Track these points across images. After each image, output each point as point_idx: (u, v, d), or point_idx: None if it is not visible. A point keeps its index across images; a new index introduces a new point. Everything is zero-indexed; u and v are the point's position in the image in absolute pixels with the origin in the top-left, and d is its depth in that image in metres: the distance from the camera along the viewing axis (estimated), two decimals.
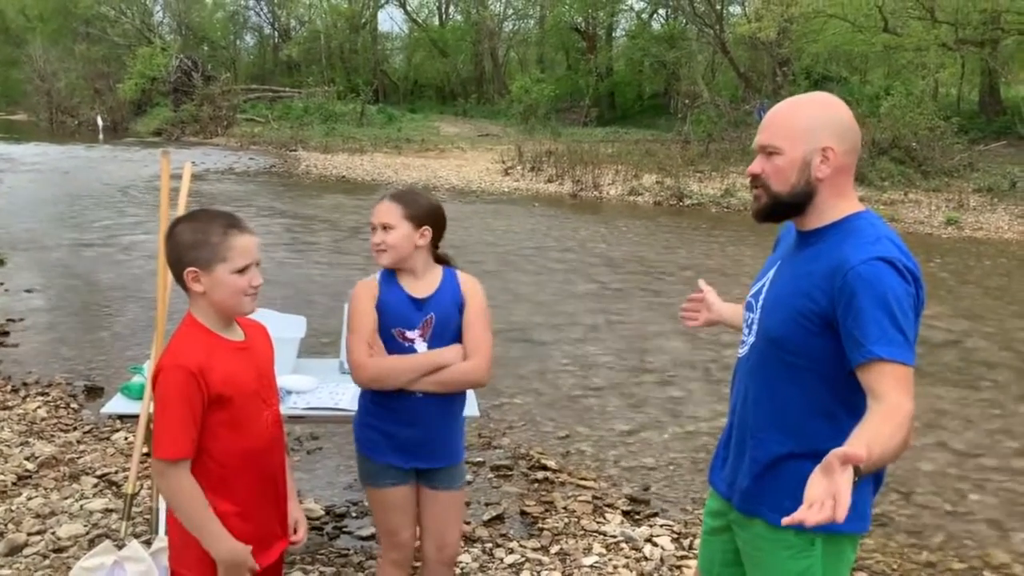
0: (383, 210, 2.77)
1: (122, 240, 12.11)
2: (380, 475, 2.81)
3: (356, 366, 2.71)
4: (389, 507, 2.85)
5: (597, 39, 39.58)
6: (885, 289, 1.90)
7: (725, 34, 29.07)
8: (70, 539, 3.90)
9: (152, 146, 27.54)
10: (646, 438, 5.57)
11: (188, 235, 2.19)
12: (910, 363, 1.90)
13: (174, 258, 2.21)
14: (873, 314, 1.89)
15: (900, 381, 1.88)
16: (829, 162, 2.02)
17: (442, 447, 2.83)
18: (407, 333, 2.73)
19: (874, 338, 1.89)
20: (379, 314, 2.73)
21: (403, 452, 2.77)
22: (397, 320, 2.73)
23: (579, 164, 19.53)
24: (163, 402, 2.14)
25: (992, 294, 9.89)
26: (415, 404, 2.74)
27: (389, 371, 2.70)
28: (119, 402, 3.63)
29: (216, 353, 2.20)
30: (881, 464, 1.85)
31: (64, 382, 6.28)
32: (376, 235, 2.76)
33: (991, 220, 14.71)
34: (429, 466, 2.83)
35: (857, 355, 1.92)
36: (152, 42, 40.84)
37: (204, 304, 2.23)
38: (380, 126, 32.19)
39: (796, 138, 2.03)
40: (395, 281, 2.78)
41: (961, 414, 6.09)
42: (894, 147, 18.28)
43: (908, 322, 1.91)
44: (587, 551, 4.00)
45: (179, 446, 2.13)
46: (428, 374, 2.70)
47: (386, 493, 2.83)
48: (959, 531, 4.46)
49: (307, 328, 4.02)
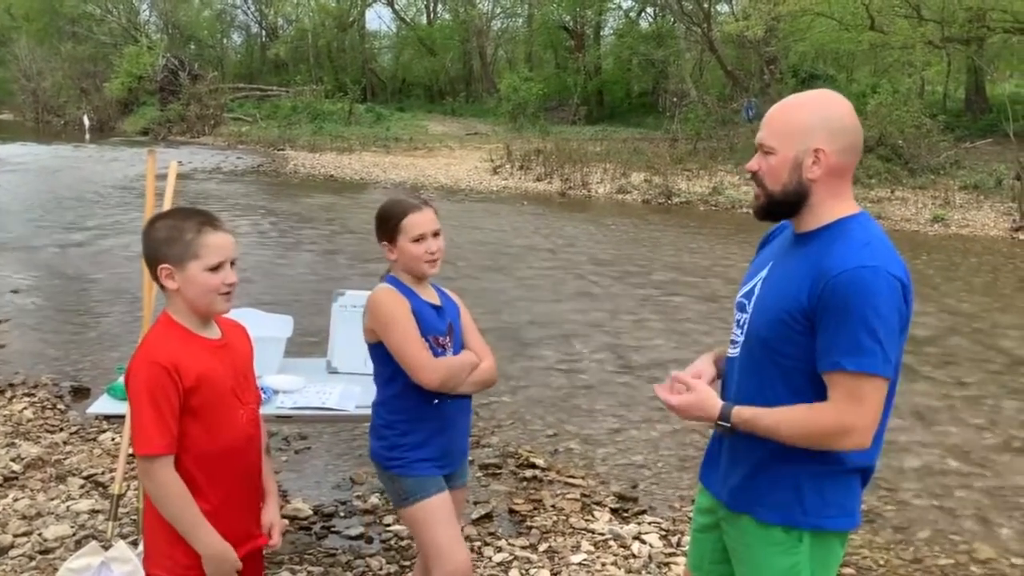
0: (431, 217, 2.74)
1: (109, 240, 12.06)
2: (424, 486, 2.70)
3: (428, 368, 2.62)
4: (445, 517, 2.72)
5: (585, 37, 39.57)
6: (865, 299, 1.91)
7: (713, 32, 29.09)
8: (56, 540, 3.88)
9: (139, 145, 27.39)
10: (634, 436, 5.57)
11: (163, 232, 2.20)
12: (879, 373, 1.93)
13: (150, 254, 2.22)
14: (849, 324, 1.92)
15: (856, 393, 1.94)
16: (820, 163, 2.02)
17: (464, 447, 2.91)
18: (441, 339, 2.73)
19: (843, 349, 1.92)
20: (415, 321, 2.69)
21: (440, 461, 2.74)
22: (431, 327, 2.71)
23: (567, 162, 19.54)
24: (138, 398, 2.12)
25: (978, 291, 9.94)
26: (449, 408, 2.74)
27: (453, 371, 2.68)
28: (104, 402, 3.61)
29: (190, 350, 2.19)
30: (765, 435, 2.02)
31: (50, 383, 6.24)
32: (434, 243, 2.73)
33: (977, 217, 14.78)
34: (453, 469, 2.82)
35: (824, 363, 1.97)
36: (139, 41, 40.58)
37: (179, 302, 2.23)
38: (368, 125, 32.10)
39: (789, 138, 2.04)
40: (409, 289, 2.74)
41: (947, 410, 6.12)
42: (881, 145, 18.32)
43: (887, 332, 1.92)
44: (575, 549, 4.01)
45: (159, 441, 2.11)
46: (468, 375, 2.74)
47: (433, 503, 2.70)
48: (945, 526, 4.49)
49: (294, 328, 4.01)
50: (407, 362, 2.64)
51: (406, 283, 2.75)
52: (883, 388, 1.96)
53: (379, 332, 2.68)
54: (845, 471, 2.08)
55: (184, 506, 2.16)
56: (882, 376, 1.94)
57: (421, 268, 2.73)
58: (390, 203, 2.78)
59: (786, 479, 2.08)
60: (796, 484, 2.07)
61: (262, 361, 3.66)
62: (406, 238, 2.71)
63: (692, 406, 2.09)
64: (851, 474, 2.10)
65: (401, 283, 2.75)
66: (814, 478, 2.06)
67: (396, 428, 2.72)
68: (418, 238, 2.71)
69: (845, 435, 1.95)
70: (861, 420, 1.94)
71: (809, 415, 1.98)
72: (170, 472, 2.14)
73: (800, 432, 1.99)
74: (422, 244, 2.71)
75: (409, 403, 2.70)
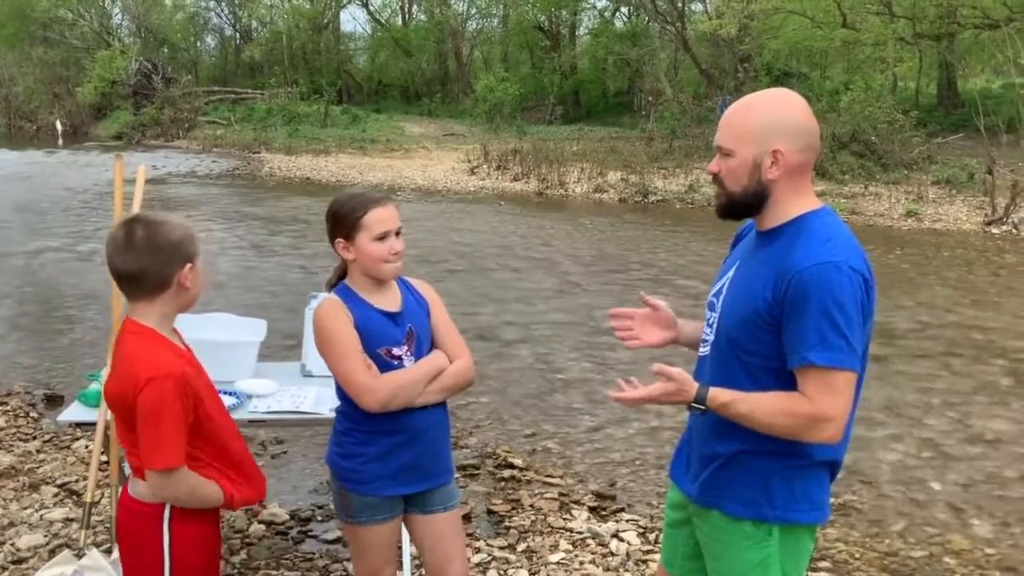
0: (394, 213, 2.49)
1: (82, 247, 11.94)
2: (372, 510, 2.51)
3: (365, 390, 2.39)
4: (379, 545, 2.56)
5: (561, 37, 39.64)
6: (827, 295, 1.92)
7: (687, 31, 29.22)
8: (29, 550, 3.84)
9: (113, 150, 27.12)
10: (611, 434, 5.59)
11: (179, 232, 2.23)
12: (848, 367, 1.95)
13: (173, 257, 2.21)
14: (813, 320, 1.93)
15: (829, 386, 1.95)
16: (779, 164, 2.03)
17: (440, 463, 2.60)
18: (394, 350, 2.49)
19: (810, 344, 1.94)
20: (360, 335, 2.45)
21: (402, 478, 2.51)
22: (381, 339, 2.47)
23: (544, 162, 19.55)
24: (158, 413, 2.11)
25: (951, 284, 10.03)
26: (415, 419, 2.49)
27: (400, 387, 2.43)
28: (76, 410, 3.58)
29: (181, 355, 2.25)
30: (739, 421, 2.02)
31: (23, 391, 6.18)
32: (397, 242, 2.48)
33: (950, 212, 14.93)
34: (427, 487, 2.57)
35: (793, 359, 1.98)
36: (111, 45, 40.22)
37: (163, 309, 2.24)
38: (344, 127, 31.97)
39: (746, 140, 2.05)
40: (359, 298, 2.50)
41: (921, 403, 6.17)
42: (854, 141, 18.47)
43: (851, 326, 1.94)
44: (554, 548, 4.01)
45: (179, 453, 2.15)
46: (429, 383, 2.50)
47: (376, 531, 2.53)
48: (920, 518, 4.53)
49: (268, 331, 3.99)
50: (346, 387, 2.44)
51: (358, 290, 2.52)
52: (853, 381, 1.98)
53: (319, 351, 2.49)
54: (813, 464, 2.09)
55: (208, 493, 2.24)
56: (850, 369, 1.96)
57: (382, 270, 2.48)
58: (347, 197, 2.51)
59: (754, 473, 2.09)
60: (764, 478, 2.09)
61: (235, 365, 3.66)
62: (367, 236, 2.45)
63: (667, 394, 2.04)
64: (819, 467, 2.11)
65: (351, 292, 2.52)
66: (782, 472, 2.08)
67: (354, 436, 2.51)
68: (381, 236, 2.45)
69: (821, 424, 1.96)
70: (835, 411, 1.96)
71: (788, 402, 1.98)
72: (188, 474, 2.19)
73: (777, 419, 1.98)
74: (385, 243, 2.46)
75: (370, 412, 2.44)
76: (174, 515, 2.22)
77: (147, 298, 2.21)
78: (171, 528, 2.22)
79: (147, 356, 2.16)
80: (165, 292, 2.21)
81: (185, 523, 2.23)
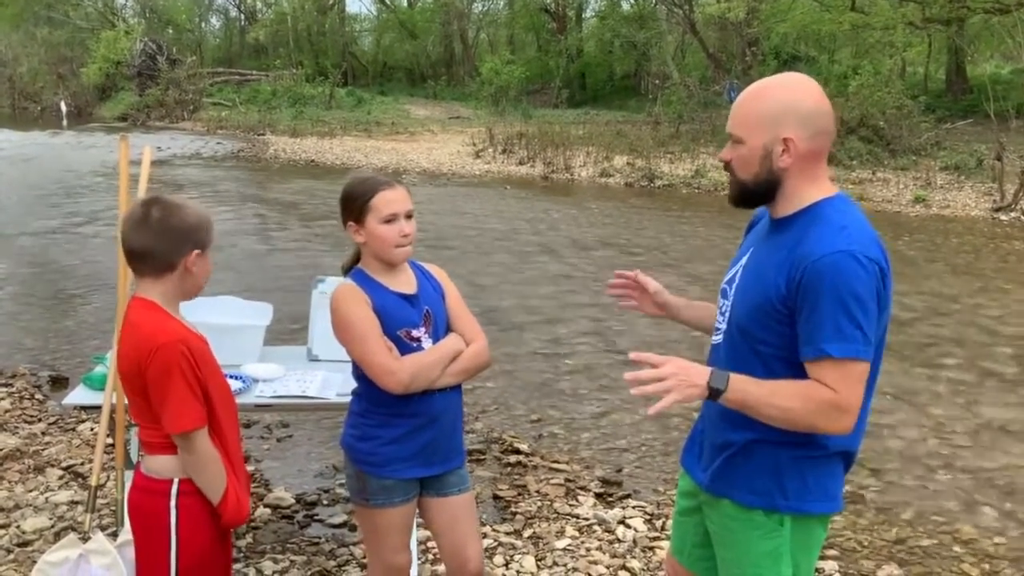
0: (404, 196, 2.48)
1: (86, 228, 11.93)
2: (389, 492, 2.51)
3: (387, 371, 2.40)
4: (395, 528, 2.56)
5: (567, 20, 39.42)
6: (842, 284, 1.89)
7: (694, 14, 29.05)
8: (35, 532, 3.84)
9: (117, 131, 27.05)
10: (618, 420, 5.57)
11: (194, 219, 2.27)
12: (864, 358, 1.92)
13: (183, 241, 2.24)
14: (828, 311, 1.90)
15: (845, 377, 1.92)
16: (791, 152, 1.99)
17: (455, 445, 2.62)
18: (413, 332, 2.50)
19: (826, 336, 1.90)
20: (379, 318, 2.46)
21: (419, 460, 2.52)
22: (400, 321, 2.48)
23: (550, 146, 19.48)
24: (169, 377, 2.16)
25: (959, 271, 9.99)
26: (433, 402, 2.50)
27: (421, 368, 2.44)
28: (81, 393, 3.56)
29: (184, 327, 2.30)
30: (754, 413, 1.96)
31: (28, 372, 6.17)
32: (407, 225, 2.49)
33: (958, 198, 14.85)
34: (444, 470, 2.58)
35: (808, 351, 1.94)
36: (115, 25, 40.12)
37: (168, 289, 2.27)
38: (349, 109, 31.91)
39: (757, 128, 2.01)
40: (375, 281, 2.51)
41: (929, 390, 6.14)
42: (862, 126, 18.36)
43: (866, 315, 1.91)
44: (560, 534, 4.00)
45: (199, 413, 2.19)
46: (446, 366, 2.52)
47: (392, 513, 2.53)
48: (928, 507, 4.50)
49: (276, 315, 3.97)
50: (367, 369, 2.45)
51: (373, 274, 2.53)
52: (867, 372, 1.95)
53: (337, 336, 2.50)
54: (828, 455, 2.07)
55: (220, 470, 2.26)
56: (865, 360, 1.93)
57: (391, 253, 2.49)
58: (357, 180, 2.51)
59: (767, 463, 2.07)
60: (777, 468, 2.06)
61: (242, 349, 3.63)
62: (376, 219, 2.45)
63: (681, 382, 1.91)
64: (834, 458, 2.09)
65: (366, 276, 2.53)
66: (796, 462, 2.05)
67: (372, 418, 2.52)
68: (389, 218, 2.45)
69: (838, 414, 1.92)
70: (850, 402, 1.92)
71: (807, 387, 1.93)
72: (209, 441, 2.24)
73: (795, 403, 1.92)
74: (394, 225, 2.46)
75: (390, 395, 2.45)
76: (181, 489, 2.24)
77: (152, 276, 2.25)
78: (178, 503, 2.24)
79: (155, 325, 2.21)
80: (170, 274, 2.25)
81: (192, 498, 2.25)
